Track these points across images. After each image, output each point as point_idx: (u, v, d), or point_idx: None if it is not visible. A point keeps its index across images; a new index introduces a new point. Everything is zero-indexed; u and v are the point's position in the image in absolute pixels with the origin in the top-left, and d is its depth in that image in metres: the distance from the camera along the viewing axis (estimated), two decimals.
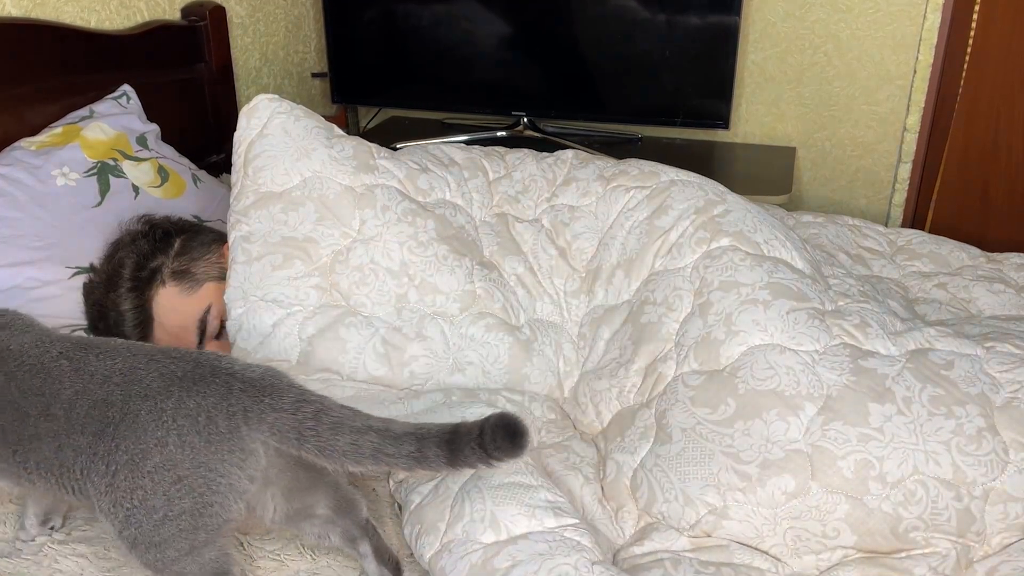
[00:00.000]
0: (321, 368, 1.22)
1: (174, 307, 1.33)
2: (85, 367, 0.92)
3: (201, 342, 1.34)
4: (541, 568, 0.94)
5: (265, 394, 0.89)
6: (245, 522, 0.98)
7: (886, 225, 2.30)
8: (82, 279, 1.38)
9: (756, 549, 1.06)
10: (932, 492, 1.03)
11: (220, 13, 1.94)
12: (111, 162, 1.52)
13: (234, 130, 1.37)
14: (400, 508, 1.14)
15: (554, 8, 2.19)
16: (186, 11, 1.91)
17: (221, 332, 1.35)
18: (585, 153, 1.57)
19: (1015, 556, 1.02)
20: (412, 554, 1.07)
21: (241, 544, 1.08)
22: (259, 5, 2.17)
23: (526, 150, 1.59)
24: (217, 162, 1.95)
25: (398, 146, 1.63)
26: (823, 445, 1.06)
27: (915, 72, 2.21)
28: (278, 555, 1.07)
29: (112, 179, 1.50)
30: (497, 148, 1.60)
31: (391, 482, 1.18)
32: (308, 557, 1.07)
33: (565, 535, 0.99)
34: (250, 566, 1.05)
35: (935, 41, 2.16)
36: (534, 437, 0.89)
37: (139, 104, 1.68)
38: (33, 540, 1.07)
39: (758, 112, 2.38)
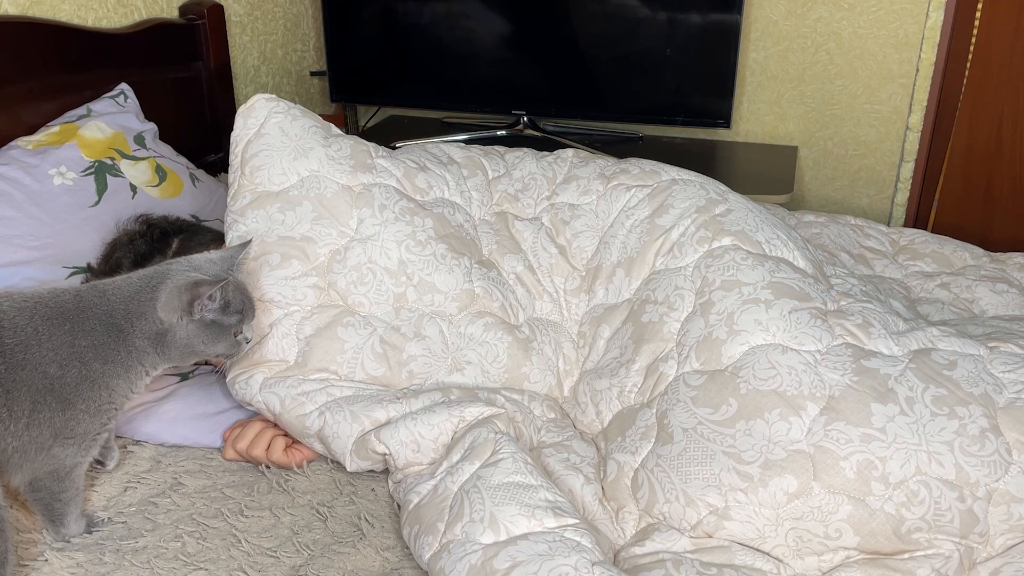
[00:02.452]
0: (319, 368, 1.22)
1: None
2: None
3: None
4: (541, 569, 0.93)
5: None
6: None
7: (888, 224, 2.30)
8: (79, 279, 1.38)
9: (758, 550, 1.06)
10: (935, 493, 1.02)
11: (218, 11, 1.93)
12: (108, 161, 1.51)
13: (232, 129, 1.36)
14: (399, 508, 1.13)
15: (554, 6, 2.18)
16: (184, 9, 1.90)
17: None
18: (585, 152, 1.56)
19: (1018, 558, 1.01)
20: (411, 554, 1.06)
21: (240, 541, 1.08)
22: (257, 3, 2.16)
23: (525, 149, 1.58)
24: (215, 161, 1.95)
25: (397, 145, 1.63)
26: (825, 445, 1.05)
27: (918, 70, 2.20)
28: (275, 552, 1.07)
29: (109, 178, 1.50)
30: (496, 147, 1.59)
31: (390, 482, 1.18)
32: (305, 553, 1.06)
33: (565, 535, 0.98)
34: (247, 562, 1.04)
35: (938, 39, 2.15)
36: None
37: (136, 103, 1.67)
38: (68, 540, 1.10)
39: (759, 111, 2.37)
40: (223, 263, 1.11)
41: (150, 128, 1.65)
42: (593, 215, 1.42)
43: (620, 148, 2.26)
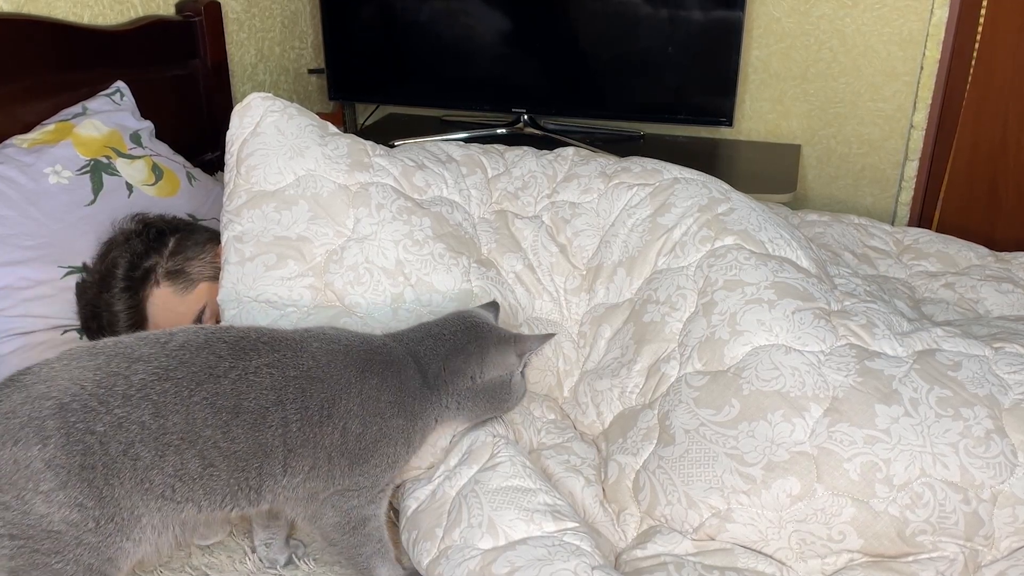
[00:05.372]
0: None
1: (168, 307, 1.31)
2: None
3: None
4: (540, 574, 0.93)
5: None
6: None
7: (892, 224, 2.29)
8: (75, 279, 1.37)
9: (760, 553, 1.05)
10: (939, 495, 1.01)
11: (215, 8, 1.92)
12: (104, 160, 1.50)
13: (228, 128, 1.35)
14: (396, 513, 1.12)
15: (555, 3, 2.17)
16: (181, 6, 1.89)
17: None
18: (586, 150, 1.55)
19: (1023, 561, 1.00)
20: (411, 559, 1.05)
21: (246, 554, 1.07)
22: (255, 0, 2.15)
23: (525, 147, 1.57)
24: (212, 160, 1.94)
25: (395, 144, 1.62)
26: (829, 447, 1.04)
27: (922, 68, 2.19)
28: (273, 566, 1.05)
29: (105, 177, 1.49)
30: (496, 145, 1.59)
31: None
32: (305, 568, 1.05)
33: (564, 539, 0.97)
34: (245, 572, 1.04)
35: (942, 37, 2.14)
36: None
37: (133, 101, 1.66)
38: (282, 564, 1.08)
39: (762, 109, 2.35)
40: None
41: (146, 126, 1.64)
42: (594, 214, 1.41)
43: (621, 147, 2.25)
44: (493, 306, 1.18)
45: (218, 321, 1.30)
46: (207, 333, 0.97)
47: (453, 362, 1.05)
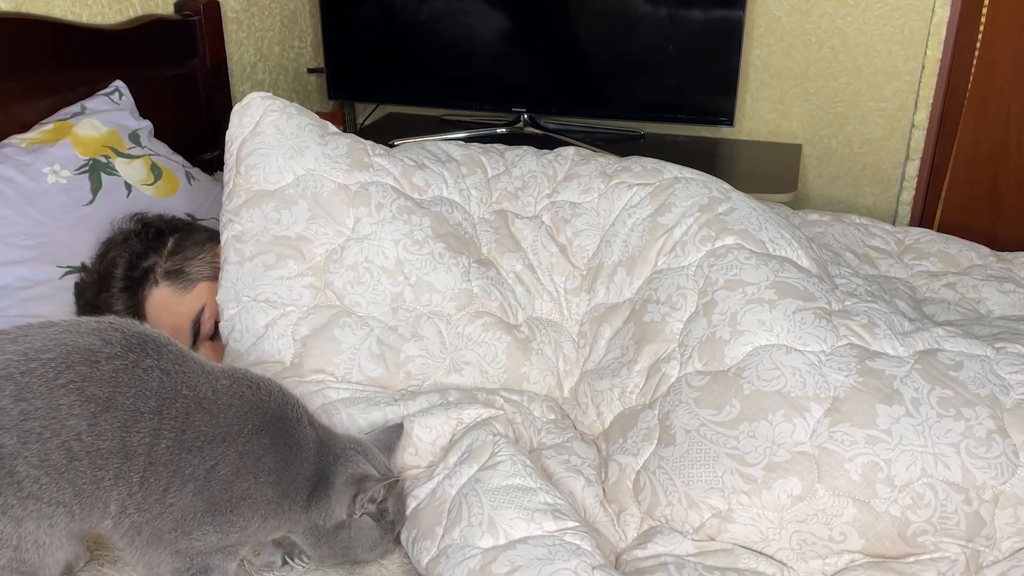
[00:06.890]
0: (315, 369, 1.20)
1: (167, 308, 1.31)
2: None
3: (195, 343, 1.32)
4: (540, 573, 0.92)
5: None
6: None
7: (893, 223, 2.28)
8: (73, 279, 1.37)
9: (761, 553, 1.05)
10: (941, 495, 1.01)
11: (214, 8, 1.92)
12: (103, 159, 1.50)
13: (228, 127, 1.35)
14: None
15: (555, 3, 2.17)
16: (179, 5, 1.89)
17: (216, 333, 1.33)
18: (586, 150, 1.55)
19: None
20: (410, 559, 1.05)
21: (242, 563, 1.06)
22: None
23: (525, 147, 1.57)
24: (211, 159, 1.94)
25: (395, 143, 1.62)
26: (830, 447, 1.04)
27: (923, 67, 2.18)
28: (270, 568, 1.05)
29: (104, 177, 1.48)
30: (496, 145, 1.58)
31: None
32: (299, 568, 1.05)
33: (565, 539, 0.97)
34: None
35: (944, 36, 2.14)
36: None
37: (131, 100, 1.66)
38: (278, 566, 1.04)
39: (763, 108, 2.35)
40: (383, 447, 1.05)
41: (145, 126, 1.63)
42: (594, 213, 1.41)
43: (622, 146, 2.25)
44: (394, 429, 1.10)
45: (218, 321, 1.30)
46: (108, 321, 0.90)
47: (324, 490, 0.97)
